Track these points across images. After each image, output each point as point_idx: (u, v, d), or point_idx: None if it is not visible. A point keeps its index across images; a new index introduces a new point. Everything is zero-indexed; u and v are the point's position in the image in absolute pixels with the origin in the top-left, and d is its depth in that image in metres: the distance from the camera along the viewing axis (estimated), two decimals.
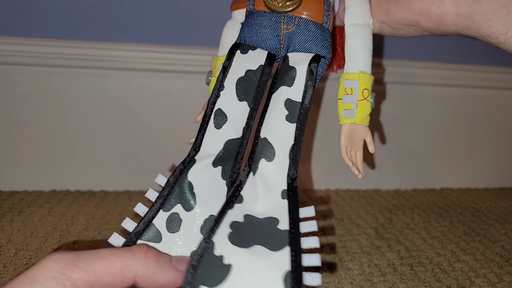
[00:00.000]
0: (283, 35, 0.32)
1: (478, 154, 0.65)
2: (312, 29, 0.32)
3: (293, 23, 0.32)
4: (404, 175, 0.64)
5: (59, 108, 0.52)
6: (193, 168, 0.28)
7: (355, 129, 0.32)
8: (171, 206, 0.27)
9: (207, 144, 0.29)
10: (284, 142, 0.29)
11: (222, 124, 0.30)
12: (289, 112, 0.29)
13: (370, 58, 0.33)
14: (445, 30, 0.31)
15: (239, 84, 0.31)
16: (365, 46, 0.33)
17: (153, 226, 0.27)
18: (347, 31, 0.33)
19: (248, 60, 0.32)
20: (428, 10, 0.31)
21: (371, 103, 0.32)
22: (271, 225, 0.26)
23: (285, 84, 0.30)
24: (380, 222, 0.52)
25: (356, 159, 0.32)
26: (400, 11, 0.32)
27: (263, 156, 0.28)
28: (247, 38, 0.33)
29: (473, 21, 0.29)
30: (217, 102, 0.30)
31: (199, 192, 0.28)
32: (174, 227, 0.27)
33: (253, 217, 0.26)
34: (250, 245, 0.25)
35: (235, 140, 0.30)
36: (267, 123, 0.29)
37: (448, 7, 0.30)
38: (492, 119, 0.64)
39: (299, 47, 0.32)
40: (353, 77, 0.32)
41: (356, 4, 0.33)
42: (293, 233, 0.25)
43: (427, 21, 0.31)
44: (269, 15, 0.32)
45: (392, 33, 0.35)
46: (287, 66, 0.31)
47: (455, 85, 0.61)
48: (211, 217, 0.27)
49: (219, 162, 0.29)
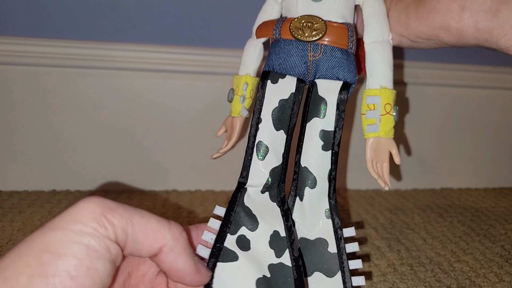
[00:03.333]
0: (310, 62, 0.33)
1: (478, 154, 0.65)
2: (338, 55, 0.33)
3: (320, 50, 0.33)
4: (404, 175, 0.64)
5: (59, 108, 0.52)
6: (246, 195, 0.31)
7: (380, 142, 0.33)
8: (236, 230, 0.30)
9: (254, 175, 0.32)
10: (323, 169, 0.32)
11: (265, 155, 0.32)
12: (324, 142, 0.32)
13: (391, 73, 0.34)
14: (465, 43, 0.32)
15: (274, 115, 0.33)
16: (385, 62, 0.33)
17: (226, 248, 0.29)
18: (367, 48, 0.34)
19: (279, 89, 0.33)
20: (448, 24, 0.31)
21: (394, 116, 0.33)
22: (322, 249, 0.31)
23: (318, 115, 0.33)
24: (380, 222, 0.52)
25: (382, 172, 0.33)
26: (420, 26, 0.33)
27: (307, 184, 0.32)
28: (275, 66, 0.34)
29: (492, 35, 0.30)
30: (257, 135, 0.32)
31: (257, 213, 0.31)
32: (245, 247, 0.29)
33: (306, 239, 0.31)
34: (311, 273, 0.30)
35: (278, 167, 0.32)
36: (306, 153, 0.32)
37: (468, 21, 0.30)
38: (492, 119, 0.64)
39: (326, 73, 0.33)
40: (374, 93, 0.33)
41: (375, 22, 0.34)
42: (341, 256, 0.30)
43: (447, 35, 0.32)
44: (296, 44, 0.33)
45: (411, 46, 0.36)
46: (317, 95, 0.33)
47: (455, 85, 0.61)
48: (275, 232, 0.30)
49: (266, 189, 0.32)
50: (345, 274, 0.30)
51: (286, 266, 0.29)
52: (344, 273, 0.30)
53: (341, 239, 0.31)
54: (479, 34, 0.30)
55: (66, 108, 0.53)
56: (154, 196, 0.56)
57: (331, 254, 0.31)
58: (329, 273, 0.30)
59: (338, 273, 0.30)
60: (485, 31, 0.30)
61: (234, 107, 0.38)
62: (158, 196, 0.56)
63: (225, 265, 0.28)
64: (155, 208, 0.52)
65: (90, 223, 0.20)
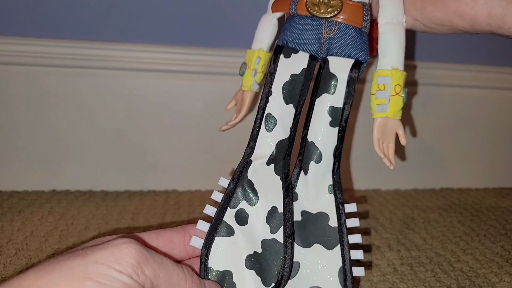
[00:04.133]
0: (324, 38, 0.34)
1: (478, 154, 0.65)
2: (352, 33, 0.33)
3: (334, 27, 0.33)
4: (404, 175, 0.64)
5: (59, 108, 0.52)
6: (250, 168, 0.32)
7: (387, 122, 0.34)
8: (237, 204, 0.31)
9: (261, 146, 0.33)
10: (329, 145, 0.33)
11: (273, 127, 0.33)
12: (332, 118, 0.33)
13: (403, 55, 0.34)
14: (478, 29, 0.32)
15: (285, 89, 0.33)
16: (397, 44, 0.34)
17: (224, 222, 0.30)
18: (381, 29, 0.34)
19: (291, 64, 0.34)
20: (462, 10, 0.32)
21: (403, 97, 0.33)
22: (323, 222, 0.32)
23: (328, 91, 0.33)
24: (380, 222, 0.52)
25: (388, 151, 0.34)
26: (435, 11, 0.33)
27: (312, 159, 0.33)
28: (289, 41, 0.34)
29: (505, 21, 0.30)
30: (266, 107, 0.33)
31: (259, 187, 0.32)
32: (243, 221, 0.31)
33: (308, 213, 0.32)
34: (311, 244, 0.31)
35: (285, 140, 0.33)
36: (313, 128, 0.33)
37: (482, 8, 0.31)
38: (492, 119, 0.64)
39: (339, 50, 0.34)
40: (385, 73, 0.33)
41: (391, 4, 0.34)
42: (341, 230, 0.31)
43: (461, 21, 0.32)
44: (311, 20, 0.34)
45: (424, 30, 0.36)
46: (328, 72, 0.33)
47: (455, 85, 0.61)
48: (273, 208, 0.31)
49: (272, 161, 0.33)
50: (344, 248, 0.31)
51: (278, 242, 0.30)
52: (343, 246, 0.31)
53: (342, 214, 0.32)
54: (492, 21, 0.31)
55: (66, 108, 0.53)
56: (154, 196, 0.56)
57: (331, 228, 0.31)
58: (328, 245, 0.31)
59: (337, 246, 0.31)
60: (498, 17, 0.30)
61: (246, 81, 0.39)
62: (158, 196, 0.56)
63: (222, 240, 0.30)
64: (155, 208, 0.52)
65: (127, 267, 0.21)
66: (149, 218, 0.49)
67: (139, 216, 0.49)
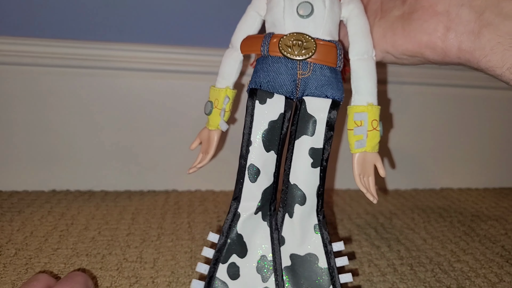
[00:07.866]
0: (299, 79, 0.33)
1: (478, 154, 0.65)
2: (327, 73, 0.33)
3: (309, 68, 0.33)
4: (404, 175, 0.64)
5: (59, 108, 0.52)
6: (239, 221, 0.33)
7: (366, 157, 0.34)
8: (227, 258, 0.32)
9: (247, 198, 0.33)
10: (311, 185, 0.33)
11: (257, 177, 0.33)
12: (313, 160, 0.33)
13: (376, 89, 0.34)
14: (448, 62, 0.33)
15: (265, 137, 0.33)
16: (370, 79, 0.34)
17: (218, 279, 0.32)
18: (353, 66, 0.34)
19: (268, 110, 0.33)
20: (434, 44, 0.32)
21: (379, 131, 0.34)
22: (313, 264, 0.32)
23: (307, 133, 0.33)
24: (380, 222, 0.52)
25: (369, 185, 0.34)
26: (406, 44, 0.34)
27: (296, 201, 0.33)
28: (263, 83, 0.34)
29: (474, 56, 0.31)
30: (248, 158, 0.33)
31: (248, 239, 0.33)
32: (235, 275, 0.32)
33: (296, 255, 0.33)
34: None
35: (269, 187, 0.33)
36: (295, 170, 0.33)
37: (452, 42, 0.31)
38: (491, 119, 0.64)
39: (315, 91, 0.33)
40: (362, 109, 0.33)
41: (361, 40, 0.34)
42: (331, 272, 0.32)
43: (432, 54, 0.33)
44: (285, 61, 0.33)
45: (394, 62, 0.37)
46: (305, 113, 0.33)
47: (455, 85, 0.61)
48: (263, 257, 0.33)
49: (259, 209, 0.33)
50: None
51: None
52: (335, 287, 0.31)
53: (331, 254, 0.32)
54: (462, 54, 0.31)
55: (66, 108, 0.53)
56: (154, 196, 0.56)
57: (322, 269, 0.32)
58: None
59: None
60: (467, 51, 0.31)
61: (213, 120, 0.37)
62: (158, 196, 0.56)
63: None
64: (155, 208, 0.52)
65: None
66: (149, 218, 0.49)
67: (139, 216, 0.49)
